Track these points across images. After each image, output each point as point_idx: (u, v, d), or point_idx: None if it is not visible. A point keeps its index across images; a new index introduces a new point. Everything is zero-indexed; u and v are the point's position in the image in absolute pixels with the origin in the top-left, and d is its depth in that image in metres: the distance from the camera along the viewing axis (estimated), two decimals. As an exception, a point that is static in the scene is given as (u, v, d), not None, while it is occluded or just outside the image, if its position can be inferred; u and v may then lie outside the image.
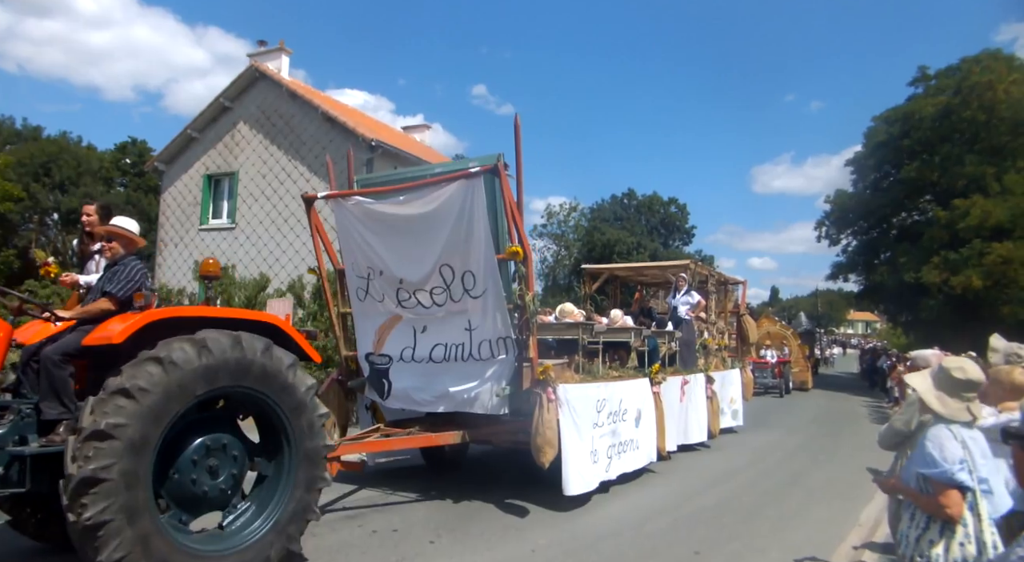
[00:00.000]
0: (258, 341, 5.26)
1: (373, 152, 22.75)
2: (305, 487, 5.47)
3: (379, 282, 8.25)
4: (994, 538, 3.19)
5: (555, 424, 7.50)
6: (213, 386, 4.95)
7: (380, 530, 6.86)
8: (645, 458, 9.68)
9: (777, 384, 25.57)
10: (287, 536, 5.34)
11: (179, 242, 26.92)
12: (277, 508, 5.33)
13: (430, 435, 7.90)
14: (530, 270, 7.52)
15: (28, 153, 30.31)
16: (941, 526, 3.20)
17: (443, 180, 7.56)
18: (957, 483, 3.13)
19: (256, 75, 25.51)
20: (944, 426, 3.30)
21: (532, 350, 7.52)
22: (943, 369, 3.43)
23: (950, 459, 3.15)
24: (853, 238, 36.98)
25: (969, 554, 3.13)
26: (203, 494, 5.04)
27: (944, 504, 3.14)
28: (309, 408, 5.52)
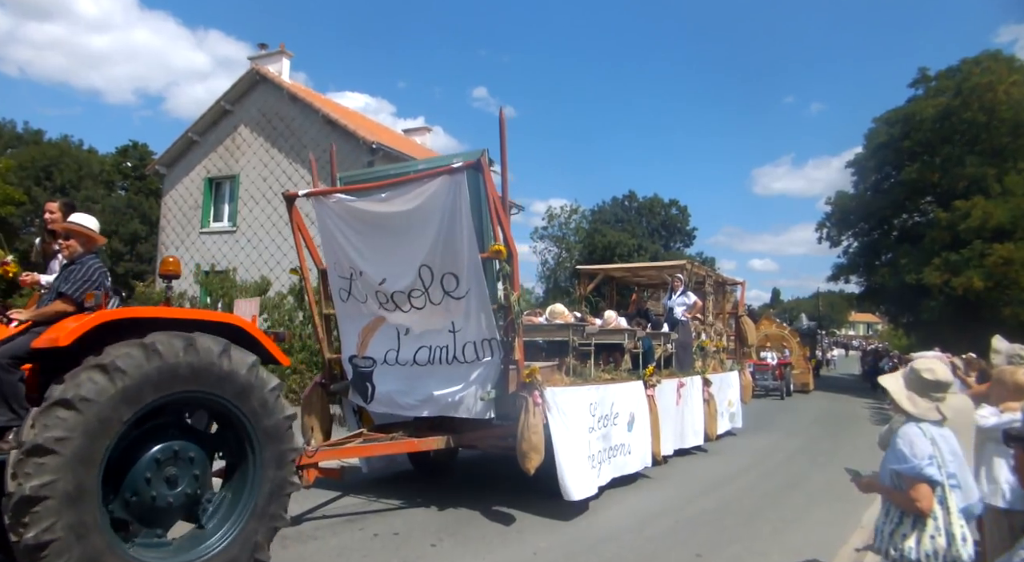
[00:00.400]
0: (215, 343, 4.92)
1: (374, 155, 22.47)
2: (271, 492, 5.13)
3: (361, 283, 7.91)
4: (963, 530, 3.30)
5: (542, 429, 7.15)
6: (165, 392, 4.60)
7: (381, 534, 6.76)
8: (638, 463, 9.31)
9: (778, 386, 25.11)
10: (254, 544, 5.01)
11: (180, 245, 26.63)
12: (242, 516, 4.99)
13: (413, 440, 7.55)
14: (515, 269, 7.16)
15: (29, 157, 30.08)
16: (913, 520, 3.31)
17: (425, 176, 7.22)
18: (926, 477, 3.24)
19: (257, 78, 25.28)
20: (914, 424, 3.42)
21: (518, 352, 7.17)
22: (914, 370, 3.55)
23: (920, 455, 3.27)
24: (854, 239, 36.54)
25: (939, 546, 3.23)
26: (168, 505, 4.71)
27: (915, 498, 3.25)
28: (273, 411, 5.17)
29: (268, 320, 16.29)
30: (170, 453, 4.75)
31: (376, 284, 7.74)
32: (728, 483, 9.87)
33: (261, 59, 25.79)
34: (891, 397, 3.60)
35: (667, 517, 7.77)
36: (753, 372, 25.15)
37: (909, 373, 3.60)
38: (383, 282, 7.70)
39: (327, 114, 23.66)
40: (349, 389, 8.33)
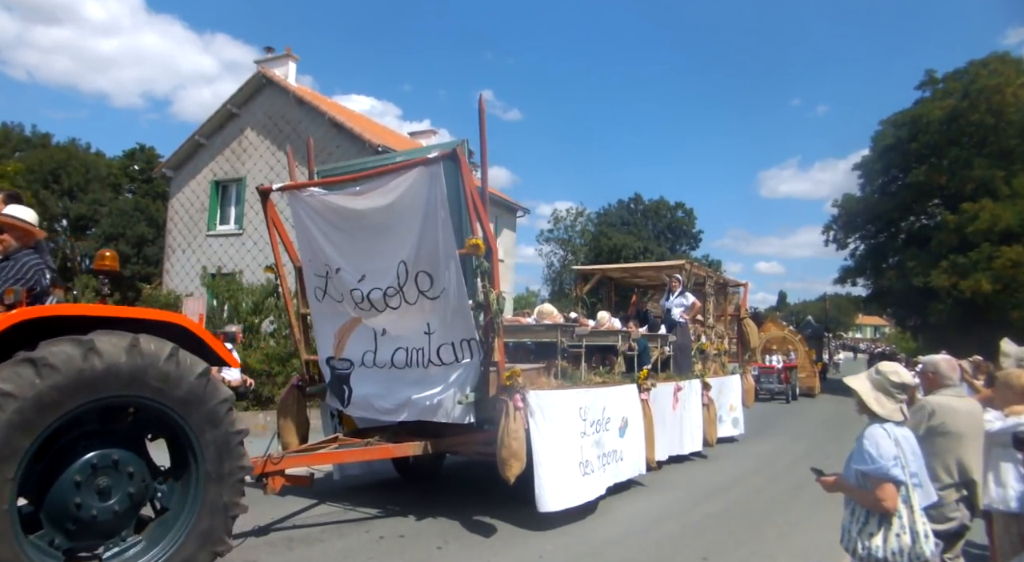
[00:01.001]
0: (162, 345, 4.45)
1: None
2: (213, 514, 4.62)
3: (337, 281, 7.42)
4: (925, 528, 3.35)
5: (522, 434, 6.63)
6: (99, 394, 4.13)
7: (387, 536, 6.63)
8: (631, 470, 8.75)
9: (783, 389, 24.41)
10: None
11: (187, 248, 26.34)
12: (176, 538, 4.49)
13: (387, 446, 7.03)
14: (495, 266, 6.64)
15: (37, 160, 29.84)
16: (879, 519, 3.34)
17: (401, 168, 6.72)
18: (892, 478, 3.28)
19: (263, 81, 24.98)
20: (879, 425, 3.45)
21: (498, 353, 6.64)
22: (880, 372, 3.57)
23: (886, 456, 3.30)
24: (861, 242, 35.80)
25: (905, 544, 3.28)
26: (91, 518, 4.21)
27: (881, 498, 3.29)
28: (221, 423, 4.68)
29: (275, 323, 15.88)
30: (109, 461, 4.28)
31: (354, 282, 7.25)
32: (734, 487, 9.62)
33: (267, 62, 25.51)
34: (858, 398, 3.59)
35: (673, 521, 7.59)
36: (758, 375, 24.50)
37: (875, 375, 3.60)
38: (361, 280, 7.21)
39: (333, 117, 23.32)
40: (327, 392, 7.83)
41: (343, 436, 7.50)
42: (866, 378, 3.65)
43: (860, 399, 3.58)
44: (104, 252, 4.82)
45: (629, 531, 7.14)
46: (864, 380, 3.64)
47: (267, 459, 6.15)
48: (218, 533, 4.64)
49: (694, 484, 9.66)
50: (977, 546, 5.91)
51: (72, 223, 31.26)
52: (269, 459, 6.17)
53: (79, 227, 31.50)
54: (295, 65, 26.16)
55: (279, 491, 6.37)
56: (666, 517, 7.77)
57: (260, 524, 6.70)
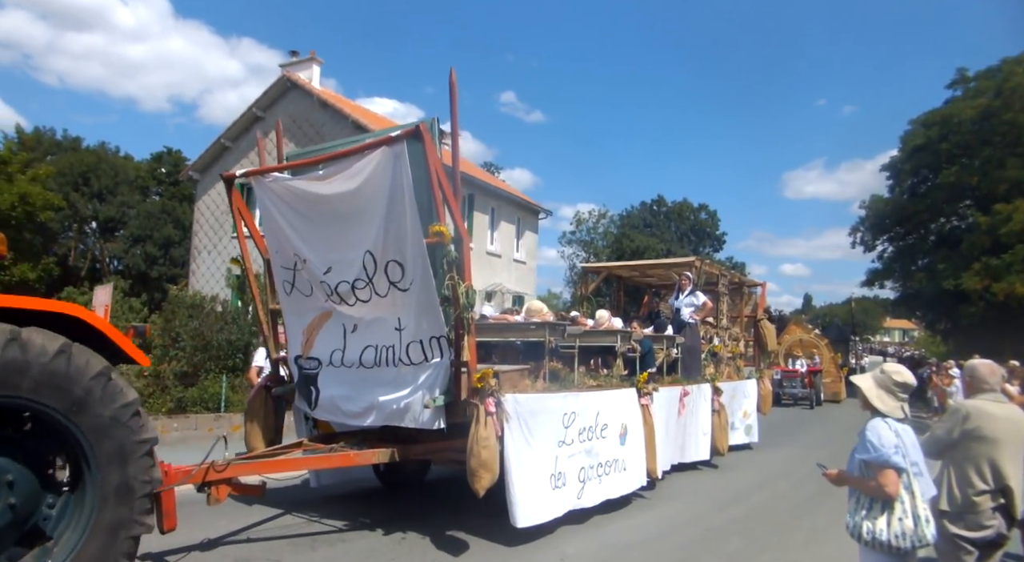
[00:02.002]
0: (50, 339, 3.74)
1: None
2: (109, 533, 3.89)
3: (306, 273, 6.69)
4: (926, 513, 3.41)
5: (494, 443, 5.81)
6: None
7: (408, 537, 6.37)
8: (636, 481, 7.88)
9: (807, 395, 23.09)
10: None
11: (212, 249, 26.00)
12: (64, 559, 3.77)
13: (348, 453, 6.25)
14: (466, 256, 5.84)
15: (68, 163, 29.84)
16: (882, 504, 3.41)
17: (363, 149, 5.97)
18: (892, 464, 3.35)
19: (288, 85, 24.59)
20: (880, 419, 3.54)
21: (468, 352, 5.82)
22: (884, 372, 3.66)
23: (886, 444, 3.38)
24: (889, 244, 34.25)
25: (907, 527, 3.34)
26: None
27: (883, 483, 3.36)
28: (122, 429, 3.95)
29: None
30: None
31: (320, 274, 6.52)
32: (758, 492, 9.17)
33: (292, 66, 25.12)
34: (862, 394, 3.67)
35: (696, 525, 7.25)
36: (780, 380, 23.31)
37: (880, 374, 3.70)
38: (328, 272, 6.47)
39: (356, 120, 22.82)
40: (295, 393, 7.11)
41: (308, 441, 6.76)
42: (870, 377, 3.72)
43: (864, 396, 3.65)
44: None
45: (652, 535, 6.82)
46: (868, 379, 3.71)
47: (209, 466, 5.43)
48: (115, 556, 3.91)
49: (718, 489, 9.22)
50: (1015, 558, 5.63)
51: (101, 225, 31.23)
52: (212, 467, 5.44)
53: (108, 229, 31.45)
54: (319, 68, 25.76)
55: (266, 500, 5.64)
56: (689, 521, 7.41)
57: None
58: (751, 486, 9.53)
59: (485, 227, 27.00)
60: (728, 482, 9.72)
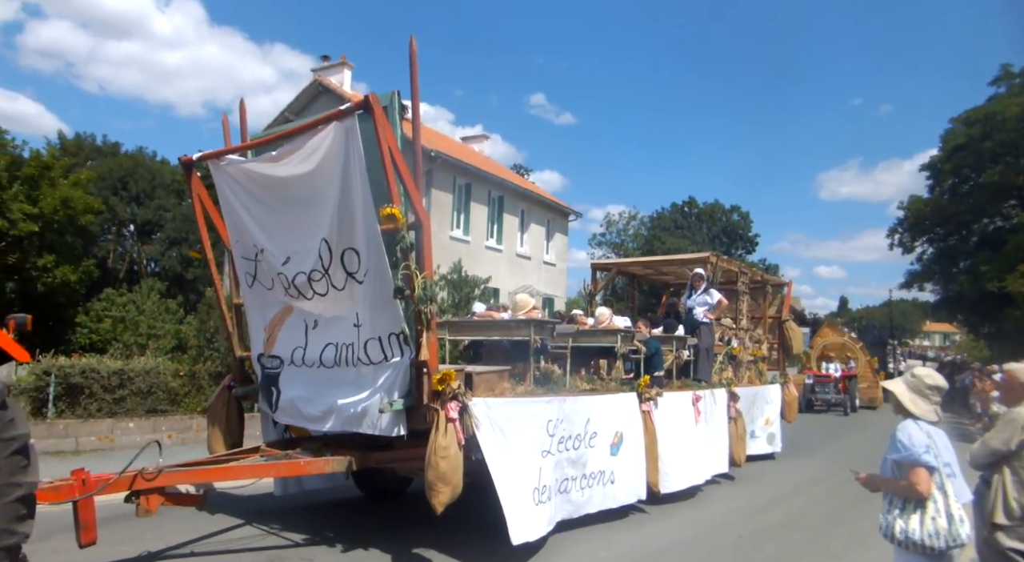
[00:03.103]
0: None
1: (432, 163, 20.97)
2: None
3: (266, 264, 5.99)
4: (960, 513, 3.29)
5: (455, 453, 4.98)
6: None
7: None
8: (626, 494, 6.97)
9: (841, 401, 21.50)
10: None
11: (246, 250, 25.81)
12: None
13: (298, 462, 5.49)
14: (426, 241, 5.06)
15: (108, 168, 29.89)
16: (914, 504, 3.31)
17: (315, 125, 5.23)
18: (923, 463, 3.26)
19: (319, 89, 24.17)
20: (911, 420, 3.44)
21: (427, 351, 5.02)
22: (916, 376, 3.56)
23: (917, 444, 3.29)
24: (929, 245, 32.30)
25: (940, 527, 3.24)
26: None
27: (915, 482, 3.26)
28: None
29: None
30: None
31: (279, 265, 5.81)
32: (794, 497, 8.64)
33: (324, 71, 24.74)
34: (896, 399, 3.55)
35: (731, 530, 6.88)
36: (813, 384, 21.89)
37: (911, 378, 3.59)
38: (286, 262, 5.76)
39: None
40: (259, 394, 6.41)
41: (266, 446, 6.05)
42: (902, 382, 3.62)
43: (897, 400, 3.55)
44: None
45: (685, 539, 6.49)
46: (900, 383, 3.61)
47: (137, 474, 4.74)
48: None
49: (753, 493, 8.73)
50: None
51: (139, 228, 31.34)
52: (141, 474, 4.75)
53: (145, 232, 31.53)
54: (350, 73, 25.31)
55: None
56: (723, 526, 7.03)
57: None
58: (785, 492, 8.90)
59: (515, 229, 26.25)
60: (761, 488, 9.09)
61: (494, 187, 24.79)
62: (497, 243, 24.93)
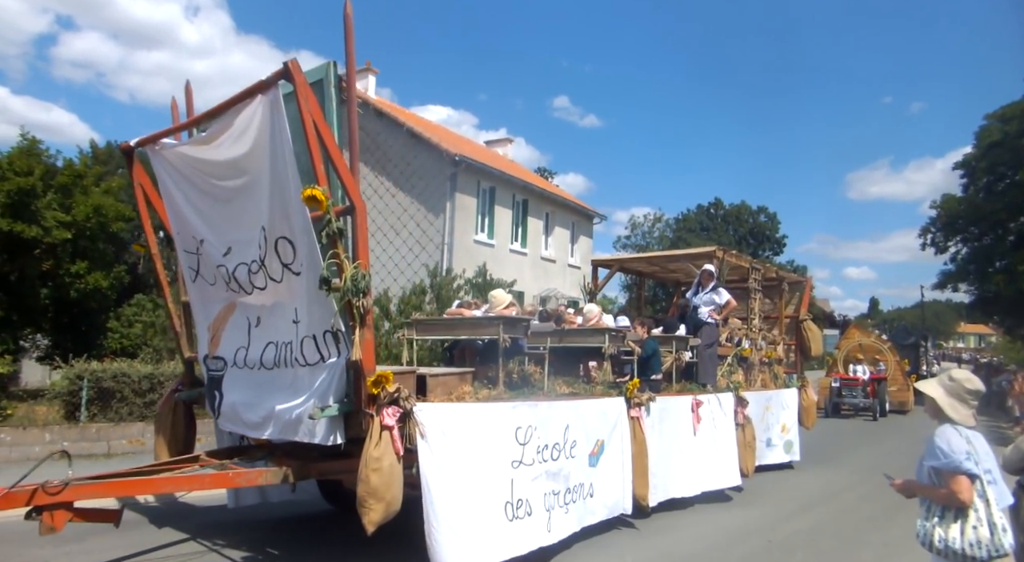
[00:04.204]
0: None
1: (457, 167, 20.48)
2: None
3: (207, 257, 5.36)
4: (1002, 522, 3.13)
5: (390, 465, 4.24)
6: None
7: None
8: (607, 509, 6.14)
9: (870, 405, 20.03)
10: None
11: (273, 254, 25.54)
12: None
13: (226, 473, 4.81)
14: (360, 227, 4.35)
15: (139, 175, 29.99)
16: (955, 512, 3.13)
17: (240, 100, 4.57)
18: (964, 471, 3.08)
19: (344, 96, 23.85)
20: (950, 425, 3.24)
21: (359, 350, 4.29)
22: (954, 379, 3.36)
23: (957, 450, 3.11)
24: (963, 245, 30.42)
25: (983, 536, 3.06)
26: None
27: (956, 490, 3.08)
28: None
29: None
30: None
31: (220, 257, 5.18)
32: (823, 503, 8.19)
33: (348, 77, 24.38)
34: (934, 404, 3.31)
35: (758, 536, 6.56)
36: (839, 388, 20.55)
37: (949, 382, 3.34)
38: (227, 253, 5.13)
39: (411, 128, 21.87)
40: (204, 398, 5.77)
41: (206, 455, 5.39)
42: (938, 384, 3.37)
43: (936, 405, 3.29)
44: None
45: (712, 546, 6.21)
46: (938, 387, 3.35)
47: (39, 487, 4.11)
48: None
49: (781, 498, 8.35)
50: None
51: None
52: (43, 487, 4.12)
53: (174, 237, 31.52)
54: (374, 78, 24.99)
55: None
56: (751, 532, 6.70)
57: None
58: (814, 499, 8.41)
59: (540, 233, 25.55)
60: (789, 494, 8.62)
61: (518, 191, 24.16)
62: (522, 246, 24.32)
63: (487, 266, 17.47)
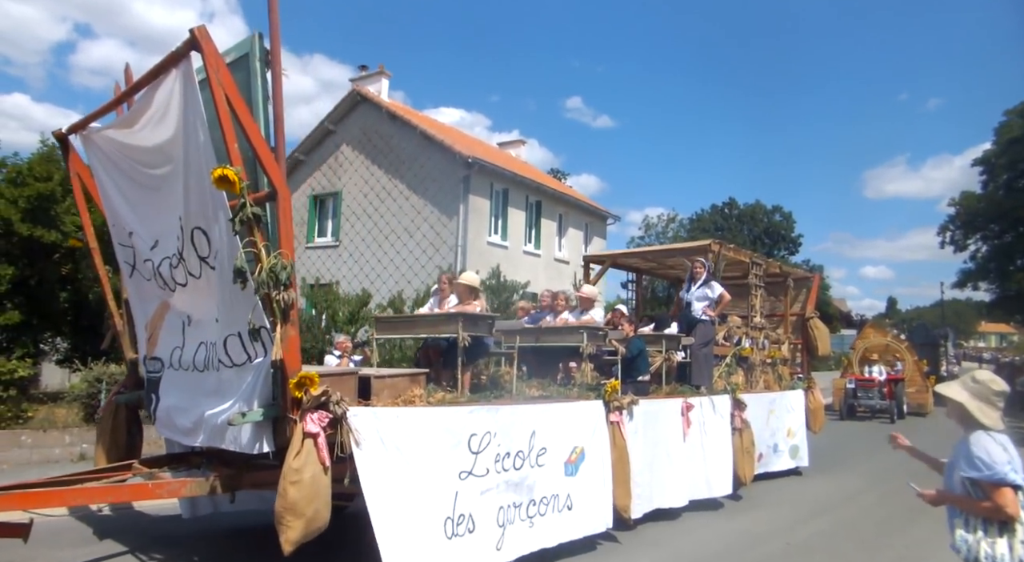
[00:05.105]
0: None
1: (470, 169, 20.07)
2: None
3: (137, 250, 4.88)
4: None
5: (312, 477, 3.69)
6: None
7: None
8: (589, 523, 5.53)
9: (887, 406, 18.94)
10: None
11: (290, 259, 25.24)
12: None
13: (145, 484, 4.31)
14: (283, 213, 3.81)
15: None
16: (998, 527, 2.88)
17: (154, 76, 4.07)
18: (1009, 482, 2.84)
19: (358, 99, 23.53)
20: (984, 432, 2.97)
21: (280, 349, 3.74)
22: (979, 381, 3.07)
23: (999, 460, 2.86)
24: (983, 243, 29.10)
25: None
26: None
27: (1001, 504, 2.83)
28: None
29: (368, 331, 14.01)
30: None
31: (147, 251, 4.71)
32: (841, 506, 7.86)
33: (362, 80, 24.09)
34: (961, 409, 3.00)
35: (777, 539, 6.32)
36: (855, 389, 19.58)
37: (974, 384, 3.05)
38: (154, 247, 4.66)
39: (424, 130, 21.51)
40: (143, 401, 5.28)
41: (139, 463, 4.89)
42: (962, 387, 3.07)
43: (964, 410, 2.98)
44: None
45: (729, 548, 5.98)
46: (963, 390, 3.05)
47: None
48: None
49: (799, 500, 8.09)
50: None
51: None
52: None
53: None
54: (387, 81, 24.57)
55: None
56: (769, 534, 6.45)
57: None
58: (832, 501, 8.07)
59: (553, 234, 25.02)
60: (806, 497, 8.28)
61: (531, 192, 23.70)
62: (535, 248, 23.86)
63: (501, 268, 17.06)
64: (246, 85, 4.06)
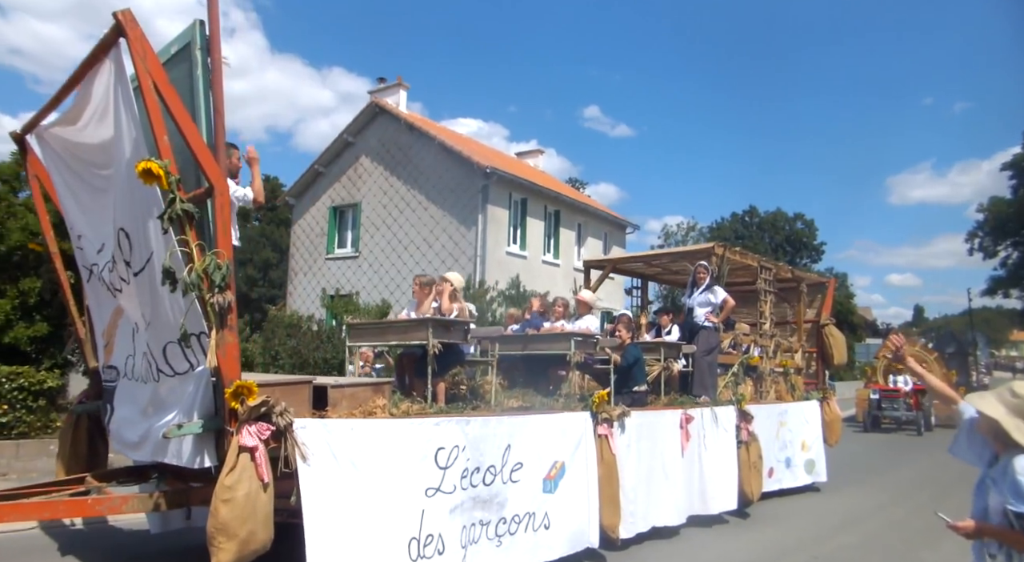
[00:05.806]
0: None
1: (488, 179, 19.89)
2: None
3: (86, 254, 4.62)
4: None
5: (246, 495, 3.32)
6: None
7: None
8: (568, 543, 5.08)
9: (913, 418, 18.06)
10: None
11: (307, 271, 25.17)
12: None
13: (86, 500, 4.00)
14: (221, 212, 3.48)
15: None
16: None
17: (90, 66, 3.79)
18: None
19: (376, 110, 23.51)
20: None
21: (215, 356, 3.41)
22: (1018, 395, 2.63)
23: None
24: (1014, 249, 28.01)
25: None
26: None
27: None
28: None
29: None
30: None
31: (94, 254, 4.44)
32: (870, 519, 7.61)
33: (380, 92, 24.04)
34: (996, 426, 2.58)
35: (802, 552, 6.13)
36: (879, 400, 18.73)
37: (1011, 397, 2.62)
38: (101, 250, 4.39)
39: (442, 141, 21.40)
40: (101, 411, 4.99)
41: (92, 476, 4.60)
42: (998, 401, 2.66)
43: (999, 427, 2.57)
44: None
45: (752, 560, 5.78)
46: (997, 405, 2.63)
47: None
48: None
49: (825, 512, 7.82)
50: None
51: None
52: None
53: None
54: (406, 93, 24.47)
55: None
56: (795, 548, 6.26)
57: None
58: (859, 514, 7.79)
59: (572, 243, 24.64)
60: (832, 509, 7.96)
61: (550, 202, 23.39)
62: (554, 258, 23.53)
63: (520, 278, 16.74)
64: (188, 75, 3.77)
